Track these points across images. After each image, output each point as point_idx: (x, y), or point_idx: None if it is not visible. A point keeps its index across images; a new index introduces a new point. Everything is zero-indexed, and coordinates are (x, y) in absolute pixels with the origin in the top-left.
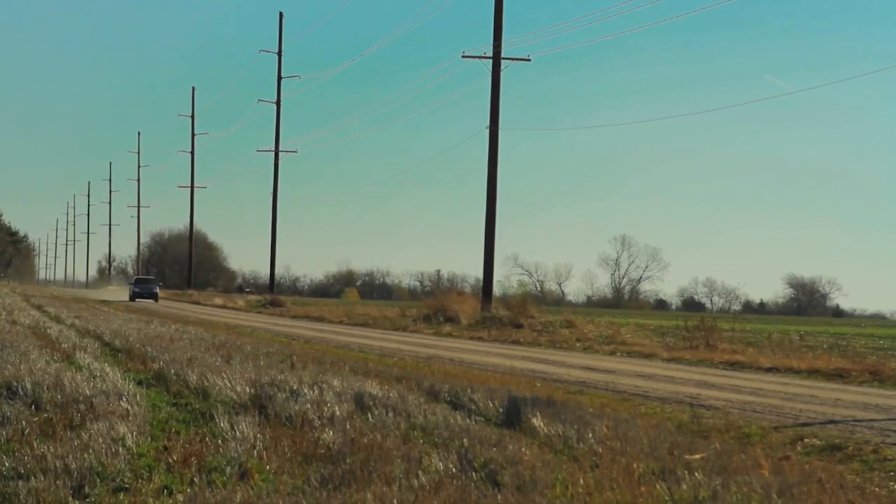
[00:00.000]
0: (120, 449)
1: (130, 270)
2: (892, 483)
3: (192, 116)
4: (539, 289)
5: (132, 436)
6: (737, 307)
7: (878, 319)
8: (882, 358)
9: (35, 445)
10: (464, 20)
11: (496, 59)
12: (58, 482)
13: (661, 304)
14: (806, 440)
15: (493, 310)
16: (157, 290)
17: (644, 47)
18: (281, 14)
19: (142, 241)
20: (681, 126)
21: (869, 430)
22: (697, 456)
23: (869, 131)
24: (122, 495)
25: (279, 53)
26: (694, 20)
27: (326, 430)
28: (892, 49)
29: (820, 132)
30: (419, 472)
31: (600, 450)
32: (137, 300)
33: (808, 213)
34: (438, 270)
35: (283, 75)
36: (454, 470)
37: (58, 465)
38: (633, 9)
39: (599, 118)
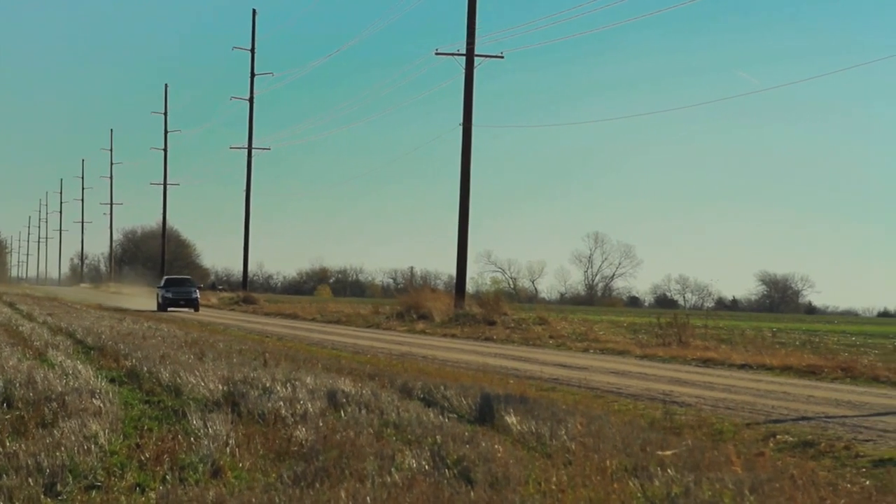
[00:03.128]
0: (92, 447)
1: (103, 268)
2: (864, 479)
3: (165, 113)
4: (512, 286)
5: (104, 433)
6: (710, 304)
7: (850, 316)
8: (854, 355)
9: (7, 443)
10: (438, 17)
11: (469, 56)
12: (30, 480)
13: (634, 302)
14: (778, 437)
15: (467, 307)
16: (198, 296)
17: (617, 44)
18: (254, 11)
19: (114, 238)
20: (654, 123)
21: (841, 427)
22: (669, 452)
23: (842, 127)
24: (94, 493)
25: (252, 50)
26: (667, 16)
27: (299, 427)
28: (865, 44)
29: (792, 128)
30: (392, 469)
31: (573, 446)
32: (170, 309)
33: (781, 210)
34: (412, 268)
35: (256, 72)
36: (427, 467)
37: (30, 462)
38: (607, 6)
39: (573, 115)
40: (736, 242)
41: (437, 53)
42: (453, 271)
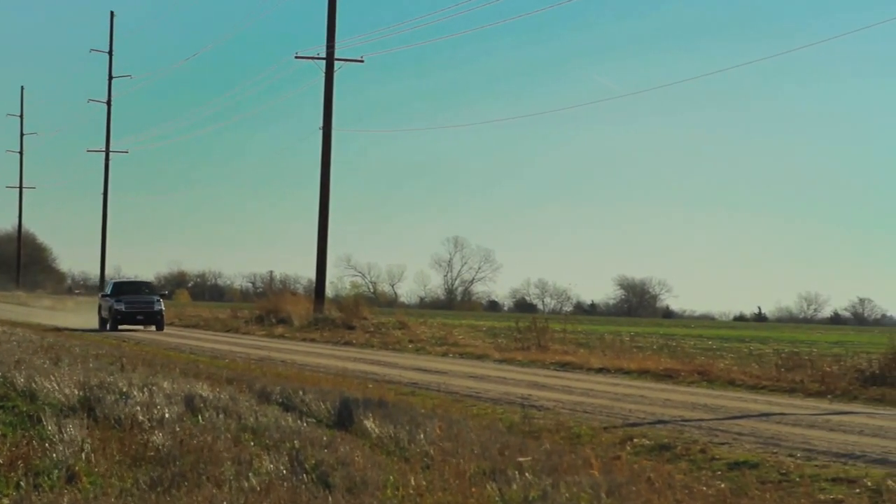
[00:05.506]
0: None
1: None
2: (719, 482)
3: (21, 116)
4: (372, 290)
5: None
6: (568, 308)
7: (706, 320)
8: (710, 358)
9: None
10: (301, 21)
11: (329, 60)
12: None
13: (493, 306)
14: (635, 440)
15: (326, 311)
16: (162, 308)
17: (479, 50)
18: (112, 13)
19: None
20: (512, 128)
21: (697, 430)
22: (524, 459)
23: (701, 131)
24: None
25: (110, 53)
26: (527, 22)
27: (156, 432)
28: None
29: (649, 131)
30: (250, 473)
31: (432, 451)
32: (123, 328)
33: (639, 214)
34: (271, 272)
35: (114, 75)
36: (285, 472)
37: None
38: (470, 9)
39: (432, 119)
40: (595, 247)
41: (297, 57)
42: (313, 275)
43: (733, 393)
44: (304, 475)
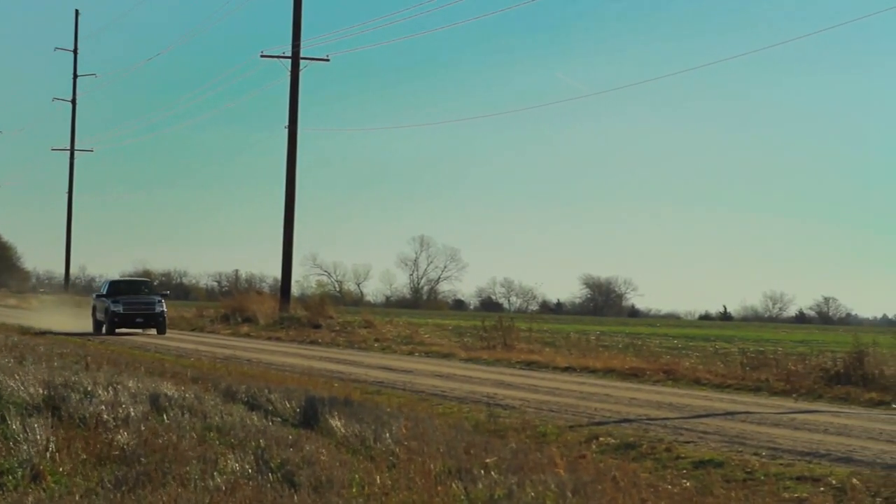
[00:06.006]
0: None
1: None
2: (684, 481)
3: None
4: (338, 289)
5: None
6: (534, 307)
7: (672, 319)
8: (675, 357)
9: None
10: (267, 20)
11: (295, 59)
12: None
13: (459, 305)
14: (601, 439)
15: (292, 310)
16: (164, 310)
17: (445, 47)
18: (77, 11)
19: None
20: (478, 127)
21: (663, 429)
22: (489, 460)
23: (665, 130)
24: None
25: (75, 51)
26: (492, 21)
27: (121, 431)
28: (688, 49)
29: (614, 131)
30: (215, 472)
31: (397, 450)
32: (120, 331)
33: (603, 213)
34: (237, 270)
35: (78, 73)
36: (250, 471)
37: None
38: (435, 9)
39: (399, 119)
40: (561, 246)
41: (262, 56)
42: (279, 274)
43: (699, 392)
44: (270, 474)
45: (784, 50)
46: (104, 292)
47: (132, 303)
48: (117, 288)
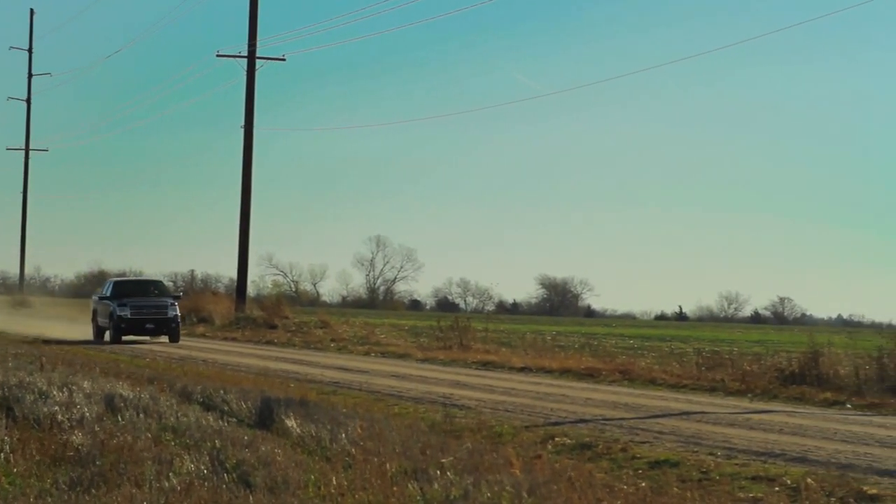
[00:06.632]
0: None
1: None
2: (640, 481)
3: None
4: (294, 289)
5: None
6: (490, 307)
7: (628, 319)
8: (631, 357)
9: None
10: (224, 19)
11: (251, 58)
12: None
13: (415, 305)
14: (557, 439)
15: (248, 310)
16: (178, 314)
17: (400, 48)
18: (32, 10)
19: None
20: (433, 127)
21: (619, 429)
22: (445, 460)
23: (622, 130)
24: None
25: (30, 50)
26: (448, 21)
27: (76, 432)
28: (646, 47)
29: (570, 130)
30: (170, 473)
31: (353, 450)
32: (127, 339)
33: (559, 213)
34: (192, 270)
35: (33, 72)
36: (206, 471)
37: None
38: (392, 8)
39: (354, 119)
40: (517, 246)
41: (218, 55)
42: (235, 275)
43: (654, 392)
44: (225, 475)
45: (742, 48)
46: (107, 294)
47: (141, 306)
48: (123, 289)
